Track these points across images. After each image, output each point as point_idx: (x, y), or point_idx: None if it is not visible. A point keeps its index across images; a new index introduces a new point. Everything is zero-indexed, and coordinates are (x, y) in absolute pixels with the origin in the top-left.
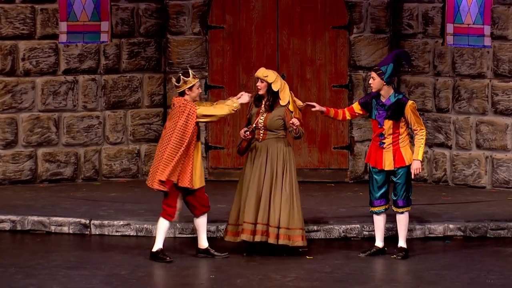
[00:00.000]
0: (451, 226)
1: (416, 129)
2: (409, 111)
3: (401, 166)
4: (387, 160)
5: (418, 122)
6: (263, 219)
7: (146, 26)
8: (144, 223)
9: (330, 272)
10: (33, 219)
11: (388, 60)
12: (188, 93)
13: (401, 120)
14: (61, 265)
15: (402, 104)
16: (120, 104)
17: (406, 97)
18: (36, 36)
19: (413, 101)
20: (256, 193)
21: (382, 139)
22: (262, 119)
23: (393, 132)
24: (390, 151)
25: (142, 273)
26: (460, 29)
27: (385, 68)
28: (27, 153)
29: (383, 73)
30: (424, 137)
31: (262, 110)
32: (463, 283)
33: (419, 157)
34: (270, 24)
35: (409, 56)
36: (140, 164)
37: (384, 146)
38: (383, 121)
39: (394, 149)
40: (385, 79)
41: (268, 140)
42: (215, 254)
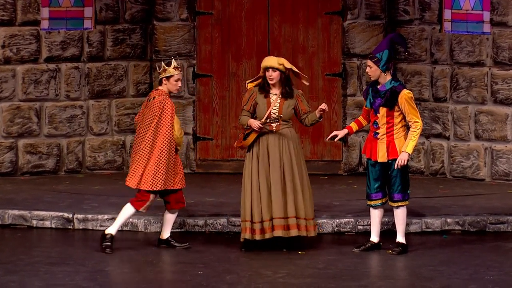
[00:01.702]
0: (449, 220)
1: (410, 120)
2: (403, 100)
3: (395, 158)
4: (381, 151)
5: (413, 114)
6: (291, 212)
7: (132, 12)
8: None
9: (323, 268)
10: (14, 213)
11: (383, 46)
12: (165, 82)
13: (396, 109)
14: (43, 261)
15: (396, 92)
16: (105, 93)
17: (403, 85)
18: (17, 23)
19: (409, 91)
20: (280, 187)
21: (376, 129)
22: (276, 108)
23: (387, 122)
24: (384, 142)
25: (127, 269)
26: (458, 15)
27: (380, 54)
28: (7, 145)
29: (379, 60)
30: (418, 131)
31: (272, 100)
32: (461, 279)
33: (408, 149)
34: (260, 10)
35: (404, 39)
36: (125, 155)
37: (378, 136)
38: (378, 108)
39: (388, 140)
40: (381, 66)
41: (282, 130)
42: (176, 244)
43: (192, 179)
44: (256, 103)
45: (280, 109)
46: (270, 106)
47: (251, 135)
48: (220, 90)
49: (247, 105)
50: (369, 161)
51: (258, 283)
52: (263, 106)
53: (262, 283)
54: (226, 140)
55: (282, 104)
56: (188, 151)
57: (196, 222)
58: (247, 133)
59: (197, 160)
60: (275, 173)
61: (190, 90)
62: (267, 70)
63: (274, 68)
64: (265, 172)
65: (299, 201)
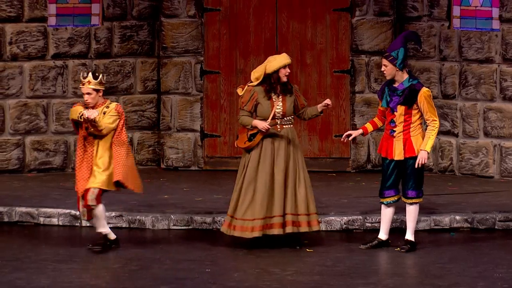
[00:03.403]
0: (457, 217)
1: (428, 119)
2: (422, 98)
3: (411, 156)
4: (397, 149)
5: (431, 112)
6: (291, 209)
7: (139, 8)
8: (137, 215)
9: (331, 266)
10: (21, 210)
11: (398, 44)
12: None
13: (414, 107)
14: (50, 258)
15: (415, 90)
16: (112, 90)
17: (421, 84)
18: (24, 19)
19: (428, 89)
20: (282, 185)
21: (393, 127)
22: (279, 107)
23: (405, 120)
24: (400, 140)
25: (135, 267)
26: (467, 11)
27: (395, 53)
28: (15, 142)
29: (395, 58)
30: (436, 129)
31: (275, 99)
32: (470, 276)
33: (427, 148)
34: (268, 6)
35: (418, 36)
36: (133, 153)
37: (394, 134)
38: (396, 107)
39: (405, 138)
40: (398, 65)
41: (286, 129)
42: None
43: (199, 176)
44: (257, 103)
45: (283, 106)
46: (274, 106)
47: (257, 136)
48: (228, 86)
49: (248, 106)
50: (384, 159)
51: (266, 281)
52: (267, 106)
53: (270, 281)
54: (233, 137)
55: (285, 101)
56: (196, 148)
57: (203, 219)
58: (253, 134)
59: (204, 157)
60: (279, 173)
61: (198, 87)
62: (283, 68)
63: (289, 64)
64: (270, 171)
65: (301, 198)
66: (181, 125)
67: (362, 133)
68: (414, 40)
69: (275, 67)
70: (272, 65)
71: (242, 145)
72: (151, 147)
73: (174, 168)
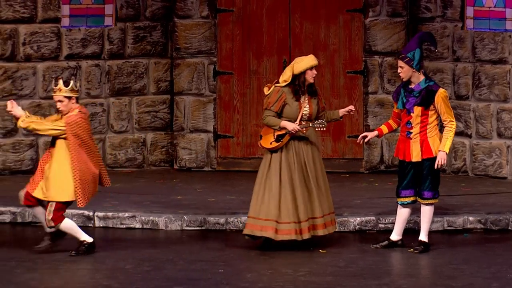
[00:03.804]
0: (471, 218)
1: (445, 119)
2: (439, 99)
3: (429, 157)
4: (415, 151)
5: (448, 113)
6: (309, 214)
7: (152, 9)
8: (150, 215)
9: (344, 266)
10: None
11: (413, 46)
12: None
13: (431, 108)
14: (63, 259)
15: (433, 91)
16: (125, 90)
17: (438, 85)
18: (37, 20)
19: (445, 90)
20: (307, 188)
21: (409, 128)
22: (306, 109)
23: (421, 121)
24: (417, 141)
25: (148, 267)
26: (480, 12)
27: (411, 54)
28: (28, 142)
29: (411, 60)
30: (453, 130)
31: (302, 100)
32: (483, 277)
33: (446, 148)
34: (281, 7)
35: (433, 37)
36: (146, 153)
37: (411, 136)
38: (412, 108)
39: (422, 139)
40: (415, 66)
41: (310, 131)
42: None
43: (212, 177)
44: (285, 104)
45: (310, 108)
46: (302, 108)
47: (285, 137)
48: (241, 87)
49: (275, 106)
50: (401, 162)
51: (279, 282)
52: (295, 107)
53: (283, 282)
54: (247, 138)
55: (311, 104)
56: (209, 149)
57: (217, 220)
58: (281, 135)
59: (217, 158)
60: (301, 176)
61: (211, 88)
62: (310, 70)
63: (315, 66)
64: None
65: (323, 200)
66: (194, 126)
67: (378, 135)
68: (429, 40)
69: (302, 68)
70: (299, 66)
71: (268, 146)
72: (164, 148)
73: (187, 169)
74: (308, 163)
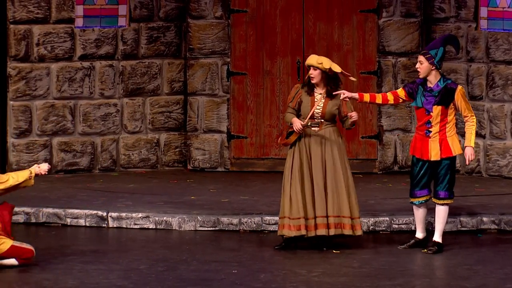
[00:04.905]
0: (484, 219)
1: (466, 115)
2: (459, 96)
3: (448, 156)
4: (433, 150)
5: (468, 108)
6: (333, 211)
7: (166, 9)
8: (164, 216)
9: (357, 267)
10: (48, 211)
11: (438, 44)
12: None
13: (450, 106)
14: (77, 259)
15: (452, 89)
16: (139, 91)
17: (455, 83)
18: (51, 20)
19: (462, 86)
20: (323, 186)
21: (429, 127)
22: (319, 108)
23: (441, 119)
24: (436, 140)
25: (162, 268)
26: (494, 12)
27: (434, 52)
28: (42, 143)
29: (432, 57)
30: (475, 124)
31: (317, 99)
32: (497, 278)
33: (472, 143)
34: (295, 7)
35: (458, 41)
36: (160, 154)
37: (430, 135)
38: (431, 107)
39: (441, 138)
40: (436, 62)
41: (325, 130)
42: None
43: (226, 178)
44: (301, 101)
45: (324, 108)
46: (314, 106)
47: (293, 134)
48: (255, 88)
49: (293, 102)
50: (417, 161)
51: (292, 282)
52: (307, 104)
53: (297, 282)
54: (260, 138)
55: (326, 104)
56: (223, 149)
57: (230, 220)
58: (291, 132)
59: (231, 159)
60: (317, 173)
61: (224, 88)
62: (309, 68)
63: (314, 66)
64: (308, 171)
65: (343, 200)
66: (208, 126)
67: (356, 98)
68: (453, 44)
69: (306, 65)
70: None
71: (280, 141)
72: (177, 148)
73: (201, 169)
74: (316, 162)
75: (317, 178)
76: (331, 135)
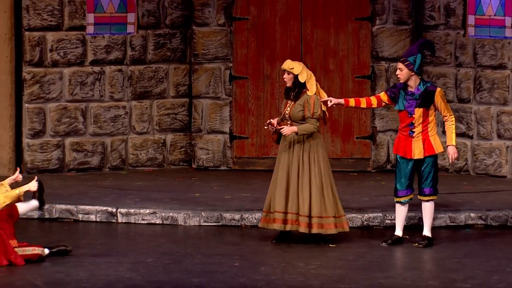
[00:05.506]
0: (472, 214)
1: (446, 115)
2: (439, 98)
3: (430, 154)
4: (417, 149)
5: (447, 109)
6: (292, 209)
7: (172, 17)
8: (170, 212)
9: (353, 260)
10: (61, 208)
11: (415, 51)
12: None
13: (431, 108)
14: (88, 252)
15: (432, 91)
16: (146, 94)
17: (434, 85)
18: (64, 28)
19: (440, 88)
20: (285, 183)
21: (412, 128)
22: (288, 110)
23: (423, 120)
24: (419, 140)
25: (168, 261)
26: (481, 20)
27: (412, 58)
28: (55, 143)
29: (412, 64)
30: (454, 123)
31: (289, 102)
32: (484, 270)
33: (453, 142)
34: (294, 15)
35: (433, 45)
36: (166, 153)
37: (413, 135)
38: (413, 110)
39: (424, 138)
40: (416, 69)
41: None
42: None
43: (228, 176)
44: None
45: (290, 110)
46: (285, 108)
47: (274, 133)
48: (255, 91)
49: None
50: (401, 160)
51: (291, 274)
52: (283, 107)
53: (295, 274)
54: (260, 139)
55: (292, 107)
56: (225, 149)
57: (232, 216)
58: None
59: (233, 158)
60: (283, 170)
61: (227, 92)
62: (283, 73)
63: (287, 71)
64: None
65: (304, 200)
66: (211, 127)
67: (342, 104)
68: (428, 48)
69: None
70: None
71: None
72: (183, 148)
73: (205, 168)
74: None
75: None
76: (300, 136)
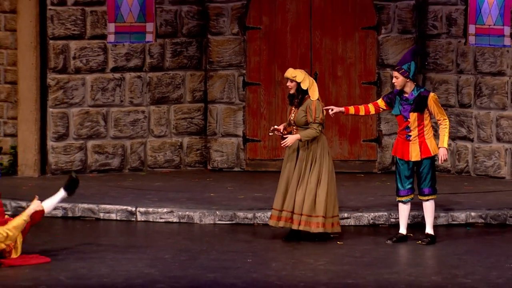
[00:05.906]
0: (472, 214)
1: (439, 119)
2: (431, 102)
3: (427, 156)
4: (414, 151)
5: (440, 113)
6: (287, 207)
7: (188, 27)
8: (186, 211)
9: (359, 257)
10: (83, 207)
11: (408, 59)
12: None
13: (425, 112)
14: (109, 249)
15: (425, 96)
16: (164, 99)
17: (427, 90)
18: (86, 36)
19: (434, 93)
20: (285, 183)
21: (408, 132)
22: (292, 116)
23: (418, 124)
24: (416, 143)
25: (184, 257)
26: (481, 29)
27: (407, 66)
28: (78, 145)
29: (406, 71)
30: (447, 126)
31: (293, 108)
32: (484, 267)
33: (445, 144)
34: (303, 25)
35: (424, 52)
36: (183, 155)
37: (410, 138)
38: (408, 114)
39: (420, 141)
40: (411, 76)
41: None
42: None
43: (242, 177)
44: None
45: (294, 116)
46: (290, 114)
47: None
48: (267, 96)
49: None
50: (400, 161)
51: (301, 270)
52: (289, 113)
53: (305, 270)
54: (272, 142)
55: (296, 113)
56: (239, 151)
57: (245, 215)
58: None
59: (246, 160)
60: (285, 172)
61: (240, 97)
62: (286, 80)
63: (290, 79)
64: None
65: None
66: (226, 131)
67: (343, 112)
68: (420, 55)
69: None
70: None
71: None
72: (198, 150)
73: (219, 169)
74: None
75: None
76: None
